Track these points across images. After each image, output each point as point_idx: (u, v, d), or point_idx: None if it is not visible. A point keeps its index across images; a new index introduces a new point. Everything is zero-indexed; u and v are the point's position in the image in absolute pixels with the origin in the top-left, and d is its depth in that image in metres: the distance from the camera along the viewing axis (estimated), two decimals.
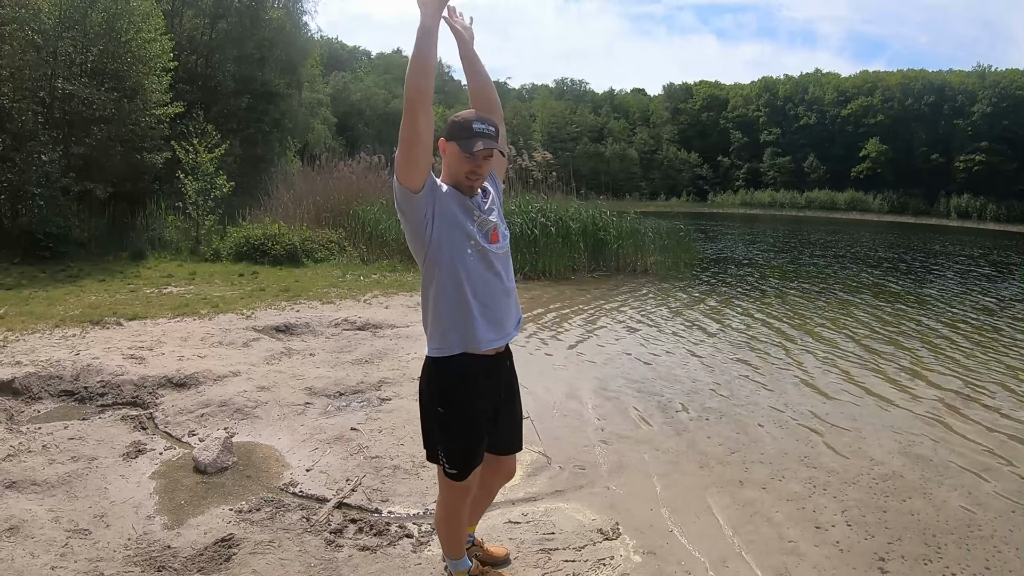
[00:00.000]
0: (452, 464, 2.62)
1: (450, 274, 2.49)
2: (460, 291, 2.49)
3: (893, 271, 17.60)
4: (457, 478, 2.63)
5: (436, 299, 2.53)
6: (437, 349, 2.56)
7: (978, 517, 3.83)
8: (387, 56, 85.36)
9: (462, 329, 2.51)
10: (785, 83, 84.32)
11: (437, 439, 2.64)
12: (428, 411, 2.65)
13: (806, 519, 3.74)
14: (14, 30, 11.60)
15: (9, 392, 5.05)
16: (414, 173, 2.39)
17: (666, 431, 5.06)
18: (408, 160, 2.36)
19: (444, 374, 2.58)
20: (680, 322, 9.33)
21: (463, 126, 2.51)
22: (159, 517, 3.42)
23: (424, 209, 2.45)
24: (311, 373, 5.95)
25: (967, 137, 67.30)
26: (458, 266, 2.49)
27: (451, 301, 2.50)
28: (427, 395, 2.63)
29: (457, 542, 2.83)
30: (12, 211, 12.22)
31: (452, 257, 2.48)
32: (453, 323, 2.52)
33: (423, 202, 2.45)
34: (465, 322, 2.51)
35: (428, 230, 2.47)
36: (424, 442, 2.74)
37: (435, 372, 2.60)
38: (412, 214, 2.46)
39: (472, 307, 2.50)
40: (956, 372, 7.15)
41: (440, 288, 2.51)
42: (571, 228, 13.28)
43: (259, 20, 20.74)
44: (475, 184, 2.56)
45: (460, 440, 2.61)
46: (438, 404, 2.59)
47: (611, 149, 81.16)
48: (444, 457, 2.63)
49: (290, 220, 14.50)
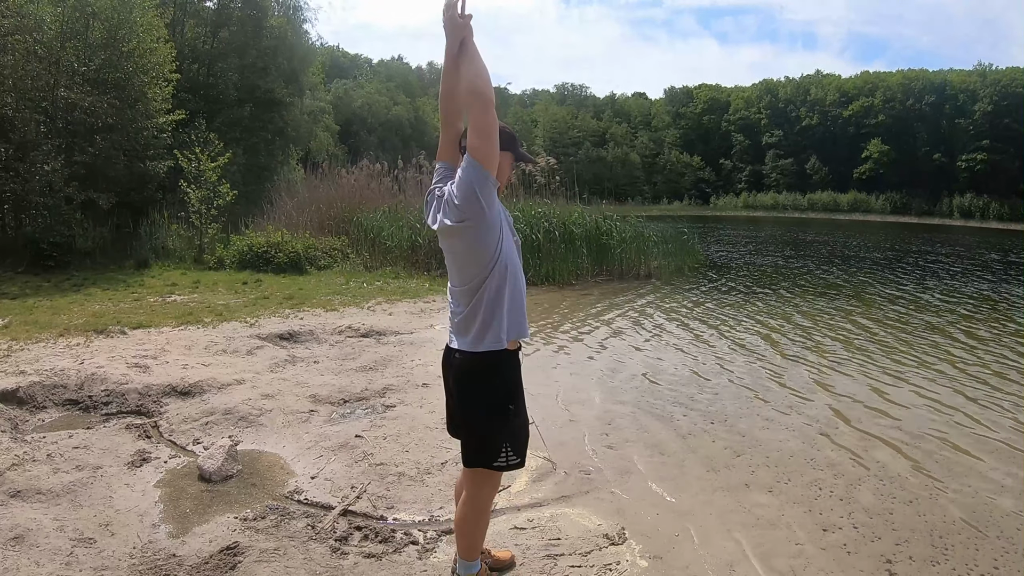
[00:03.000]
0: (517, 453, 2.65)
1: (511, 268, 2.60)
2: (519, 283, 2.64)
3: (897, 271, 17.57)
4: (520, 465, 2.68)
5: (500, 293, 2.57)
6: (498, 343, 2.57)
7: (986, 517, 3.81)
8: (388, 63, 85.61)
9: (521, 320, 2.63)
10: (786, 85, 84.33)
11: (504, 436, 2.62)
12: (494, 410, 2.61)
13: (812, 521, 3.72)
14: (16, 41, 11.66)
15: (14, 401, 5.05)
16: (495, 158, 2.47)
17: (671, 435, 5.05)
18: (493, 144, 2.44)
19: (509, 368, 2.63)
20: (684, 326, 9.32)
21: (516, 139, 2.70)
22: (164, 525, 3.42)
23: (497, 203, 2.55)
24: (315, 381, 5.94)
25: (969, 136, 67.22)
26: (516, 260, 2.65)
27: (514, 293, 2.61)
28: (492, 394, 2.61)
29: (482, 541, 2.87)
30: (16, 221, 12.27)
31: (511, 251, 2.62)
32: (515, 315, 2.61)
33: (496, 195, 2.54)
34: (521, 313, 2.64)
35: (502, 223, 2.56)
36: (477, 446, 2.66)
37: (501, 367, 2.60)
38: (491, 206, 2.49)
39: (524, 298, 2.68)
40: (961, 371, 7.12)
41: (508, 282, 2.58)
42: (574, 233, 13.29)
43: (261, 29, 20.81)
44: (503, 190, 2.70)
45: (523, 430, 2.69)
46: (508, 401, 2.61)
47: (613, 154, 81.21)
48: (511, 450, 2.62)
49: (293, 228, 14.53)
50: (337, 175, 17.56)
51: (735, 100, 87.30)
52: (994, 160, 64.99)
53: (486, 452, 2.64)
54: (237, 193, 14.26)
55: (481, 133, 2.41)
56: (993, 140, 65.20)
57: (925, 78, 73.51)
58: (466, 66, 2.49)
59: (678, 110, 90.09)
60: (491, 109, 2.42)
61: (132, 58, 13.27)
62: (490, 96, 2.43)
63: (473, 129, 2.43)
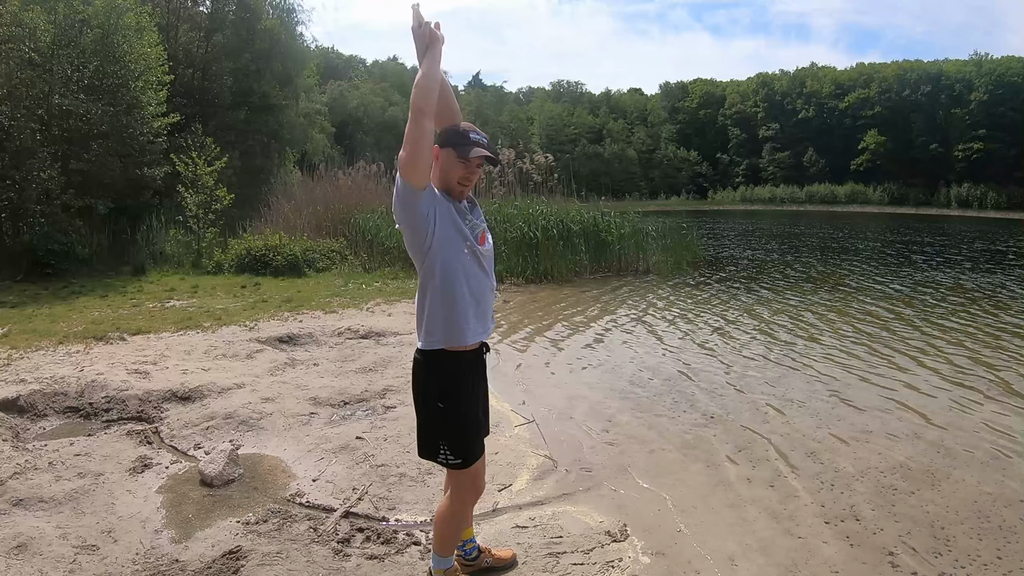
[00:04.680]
0: (456, 454, 2.70)
1: (449, 272, 2.60)
2: (458, 287, 2.61)
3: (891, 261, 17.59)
4: (463, 466, 2.72)
5: (434, 295, 2.62)
6: (432, 343, 2.64)
7: (988, 508, 3.82)
8: (383, 64, 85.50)
9: (464, 325, 2.64)
10: (781, 78, 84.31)
11: (438, 433, 2.71)
12: (426, 407, 2.71)
13: (815, 515, 3.73)
14: (10, 49, 11.64)
15: (14, 410, 5.05)
16: (420, 169, 2.49)
17: (672, 431, 5.05)
18: (416, 157, 2.46)
19: (441, 368, 2.67)
20: (683, 321, 9.32)
21: (460, 134, 2.65)
22: (166, 531, 3.42)
23: (427, 208, 2.54)
24: (315, 383, 5.94)
25: (965, 126, 67.21)
26: (456, 264, 2.61)
27: (448, 297, 2.61)
28: (424, 391, 2.71)
29: (455, 540, 2.94)
30: (14, 229, 12.26)
31: (451, 255, 2.60)
32: (450, 318, 2.62)
33: (426, 201, 2.53)
34: (464, 318, 2.64)
35: (431, 227, 2.56)
36: (421, 440, 2.79)
37: (431, 366, 2.67)
38: (415, 212, 2.53)
39: (468, 302, 2.64)
40: (962, 360, 7.13)
41: (439, 284, 2.60)
42: (572, 230, 13.29)
43: (254, 32, 20.81)
44: (465, 190, 2.70)
45: (461, 430, 2.71)
46: (437, 399, 2.67)
47: (610, 150, 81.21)
48: (447, 449, 2.69)
49: (291, 230, 14.53)
50: (334, 176, 17.56)
51: (730, 94, 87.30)
52: (990, 149, 64.98)
53: (426, 448, 2.77)
54: (234, 197, 14.24)
55: (406, 143, 2.46)
56: (989, 129, 65.19)
57: (920, 68, 73.51)
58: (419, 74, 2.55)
59: (674, 105, 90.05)
60: (421, 120, 2.45)
61: (125, 63, 13.26)
62: (423, 107, 2.46)
63: (405, 138, 2.49)
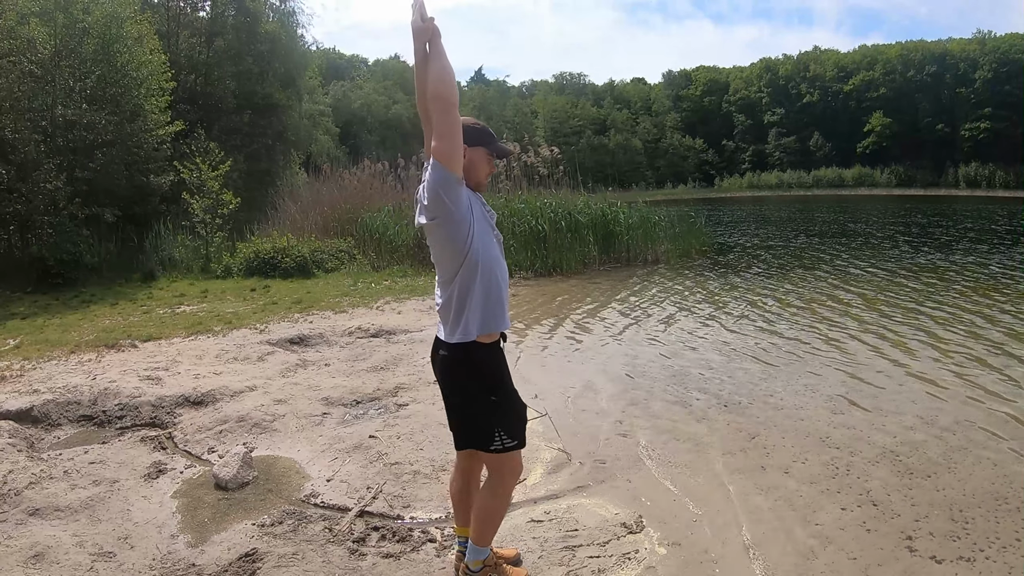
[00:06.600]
0: (512, 436, 2.73)
1: (488, 261, 2.66)
2: (494, 277, 2.69)
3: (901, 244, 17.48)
4: (519, 446, 2.77)
5: (474, 287, 2.64)
6: (469, 335, 2.65)
7: (1005, 490, 3.78)
8: (384, 62, 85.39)
9: (499, 312, 2.70)
10: (785, 63, 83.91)
11: (493, 421, 2.71)
12: (475, 400, 2.71)
13: (830, 501, 3.70)
14: (11, 62, 11.68)
15: (28, 420, 5.08)
16: (458, 159, 2.53)
17: (685, 420, 5.03)
18: (456, 147, 2.51)
19: (491, 357, 2.71)
20: (694, 309, 9.29)
21: (489, 134, 2.77)
22: (182, 535, 3.43)
23: (465, 200, 2.60)
24: (327, 383, 5.95)
25: (971, 105, 66.78)
26: (492, 254, 2.70)
27: (491, 286, 2.67)
28: (475, 382, 2.70)
29: (497, 528, 2.93)
30: (22, 240, 12.34)
31: (487, 246, 2.68)
32: (492, 307, 2.67)
33: (463, 192, 2.60)
34: (500, 305, 2.71)
35: (471, 218, 2.61)
36: (468, 432, 2.78)
37: (482, 357, 2.68)
38: (459, 203, 2.57)
39: (503, 291, 2.73)
40: (976, 342, 7.07)
41: (481, 275, 2.64)
42: (580, 222, 13.26)
43: (255, 34, 20.84)
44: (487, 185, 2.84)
45: (514, 413, 2.76)
46: (490, 391, 2.70)
47: (615, 140, 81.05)
48: (503, 433, 2.71)
49: (298, 232, 14.56)
50: (339, 176, 17.57)
51: (734, 80, 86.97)
52: (997, 128, 64.58)
53: (478, 438, 2.75)
54: (240, 200, 14.28)
55: (442, 135, 2.48)
56: (995, 108, 64.78)
57: (924, 48, 73.01)
58: (430, 69, 2.55)
59: (678, 93, 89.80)
60: (452, 111, 2.48)
61: (127, 72, 13.29)
62: (449, 98, 2.48)
63: (435, 131, 2.50)
